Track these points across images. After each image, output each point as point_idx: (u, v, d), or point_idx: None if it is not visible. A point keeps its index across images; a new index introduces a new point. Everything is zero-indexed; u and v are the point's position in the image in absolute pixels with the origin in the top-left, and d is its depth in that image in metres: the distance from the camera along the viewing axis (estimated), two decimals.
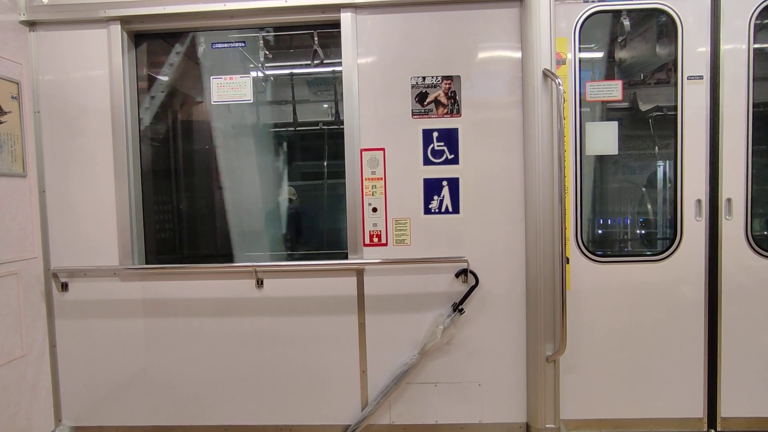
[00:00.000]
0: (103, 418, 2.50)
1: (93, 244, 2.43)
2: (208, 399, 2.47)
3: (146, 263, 2.52)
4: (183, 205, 2.90)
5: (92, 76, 2.40)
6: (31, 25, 2.38)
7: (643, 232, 2.72)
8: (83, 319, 2.46)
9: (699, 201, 2.30)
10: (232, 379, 2.45)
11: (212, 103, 2.50)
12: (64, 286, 2.44)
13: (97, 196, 2.41)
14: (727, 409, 2.34)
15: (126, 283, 2.44)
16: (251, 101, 2.47)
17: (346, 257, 2.38)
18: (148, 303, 2.45)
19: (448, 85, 2.31)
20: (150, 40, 2.57)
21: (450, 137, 2.33)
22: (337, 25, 2.33)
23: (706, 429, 2.36)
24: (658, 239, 2.63)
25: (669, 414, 2.36)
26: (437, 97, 2.32)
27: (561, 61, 2.28)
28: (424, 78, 2.32)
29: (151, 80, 2.65)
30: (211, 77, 2.47)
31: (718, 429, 2.35)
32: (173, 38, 2.62)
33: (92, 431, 2.51)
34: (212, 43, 2.59)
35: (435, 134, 2.33)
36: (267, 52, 2.65)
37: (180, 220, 2.89)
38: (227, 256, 2.80)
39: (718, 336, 2.32)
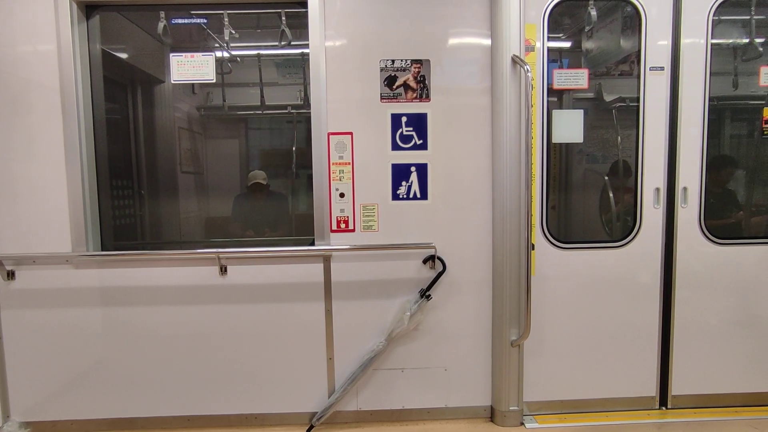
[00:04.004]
0: (57, 412, 2.39)
1: (42, 229, 2.28)
2: (170, 389, 2.39)
3: (102, 250, 2.40)
4: None
5: (39, 51, 2.22)
6: None
7: None
8: (33, 309, 2.32)
9: (657, 189, 2.38)
10: (194, 367, 2.38)
11: (172, 82, 2.38)
12: (11, 275, 2.29)
13: (46, 178, 2.26)
14: (677, 387, 2.47)
15: (80, 271, 2.31)
16: (213, 80, 2.36)
17: (312, 243, 2.34)
18: (105, 291, 2.33)
19: (417, 69, 2.28)
20: (103, 12, 2.41)
21: (419, 122, 2.30)
22: (304, 4, 2.25)
23: (657, 407, 2.48)
24: None
25: (624, 394, 2.46)
26: (406, 81, 2.28)
27: (530, 48, 2.29)
28: (393, 61, 2.27)
29: None
30: (171, 54, 2.35)
31: (669, 406, 2.48)
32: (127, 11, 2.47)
33: (45, 426, 2.39)
34: (171, 19, 2.45)
35: (404, 119, 2.30)
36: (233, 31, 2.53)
37: None
38: None
39: (671, 318, 2.43)
